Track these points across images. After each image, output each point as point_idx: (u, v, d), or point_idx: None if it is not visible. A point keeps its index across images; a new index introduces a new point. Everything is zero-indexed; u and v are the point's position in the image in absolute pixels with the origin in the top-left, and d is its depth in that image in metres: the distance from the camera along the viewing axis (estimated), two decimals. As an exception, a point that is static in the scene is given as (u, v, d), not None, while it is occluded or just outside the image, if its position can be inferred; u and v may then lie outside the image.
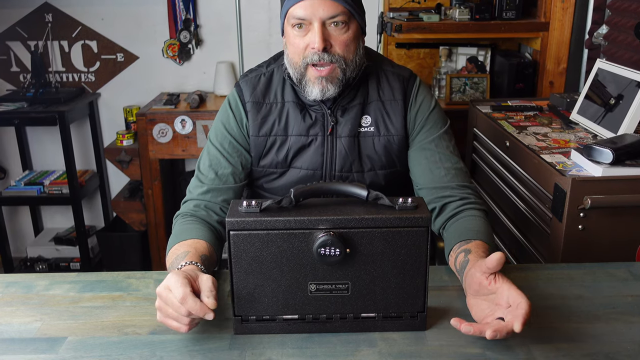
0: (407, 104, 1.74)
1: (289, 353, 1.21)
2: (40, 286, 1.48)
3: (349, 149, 1.71)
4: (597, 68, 2.42)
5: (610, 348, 1.22)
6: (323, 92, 1.63)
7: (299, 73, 1.64)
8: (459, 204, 1.65)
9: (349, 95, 1.71)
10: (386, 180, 1.77)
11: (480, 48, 3.55)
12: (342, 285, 1.23)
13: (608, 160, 1.91)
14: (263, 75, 1.76)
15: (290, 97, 1.73)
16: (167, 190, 3.68)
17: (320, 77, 1.61)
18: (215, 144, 1.74)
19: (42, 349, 1.23)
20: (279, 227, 1.19)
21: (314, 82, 1.63)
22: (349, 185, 1.25)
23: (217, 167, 1.71)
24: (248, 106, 1.73)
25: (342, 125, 1.71)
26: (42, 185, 3.69)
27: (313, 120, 1.71)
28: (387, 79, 1.75)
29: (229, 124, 1.75)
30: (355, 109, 1.72)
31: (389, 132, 1.73)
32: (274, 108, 1.73)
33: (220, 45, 3.85)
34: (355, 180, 1.73)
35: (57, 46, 3.85)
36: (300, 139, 1.72)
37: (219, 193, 1.69)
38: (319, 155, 1.72)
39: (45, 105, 3.58)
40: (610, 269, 1.54)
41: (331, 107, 1.70)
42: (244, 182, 1.76)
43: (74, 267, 3.90)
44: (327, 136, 1.71)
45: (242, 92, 1.75)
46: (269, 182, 1.79)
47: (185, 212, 1.65)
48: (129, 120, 3.81)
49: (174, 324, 1.21)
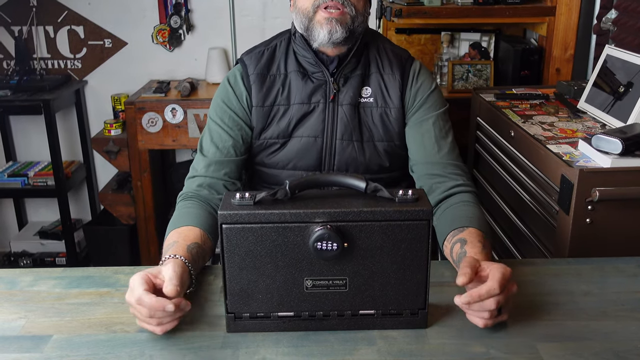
0: (405, 82, 1.82)
1: (284, 352, 1.21)
2: (24, 282, 1.48)
3: (350, 117, 1.79)
4: (605, 54, 2.42)
5: (620, 346, 1.22)
6: (331, 34, 1.68)
7: (307, 18, 1.71)
8: (449, 186, 1.71)
9: (350, 64, 1.79)
10: (386, 154, 1.83)
11: (483, 33, 3.54)
12: (339, 281, 1.23)
13: (617, 151, 1.90)
14: (266, 50, 1.85)
15: (293, 66, 1.81)
16: (157, 182, 3.67)
17: (330, 18, 1.68)
18: (215, 119, 1.82)
19: (27, 348, 1.23)
20: (273, 220, 1.18)
21: (322, 24, 1.69)
22: (347, 176, 1.25)
23: (218, 141, 1.79)
24: (252, 78, 1.80)
25: (343, 93, 1.79)
26: (26, 176, 3.67)
27: (315, 87, 1.78)
28: (386, 54, 1.85)
29: (228, 99, 1.82)
30: (357, 79, 1.80)
31: (386, 104, 1.81)
32: (278, 79, 1.81)
33: (212, 30, 3.83)
34: (356, 149, 1.80)
35: (42, 31, 3.83)
36: (302, 107, 1.79)
37: (221, 166, 1.75)
38: (320, 121, 1.79)
39: (29, 93, 3.55)
40: (620, 264, 1.54)
41: (334, 73, 1.77)
42: (245, 155, 1.83)
43: (60, 262, 3.89)
44: (329, 103, 1.79)
45: (246, 65, 1.82)
46: (270, 156, 1.84)
47: (187, 192, 1.71)
48: (117, 109, 3.79)
49: (146, 327, 1.25)
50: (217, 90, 1.86)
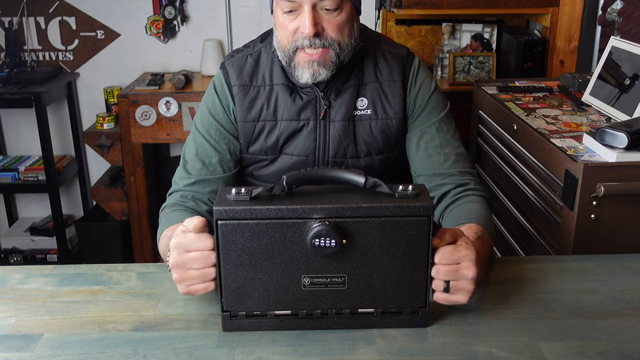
0: (407, 85, 1.73)
1: (281, 351, 1.21)
2: (14, 280, 1.47)
3: (343, 134, 1.70)
4: (611, 46, 2.42)
5: (626, 345, 1.22)
6: (314, 77, 1.61)
7: (288, 57, 1.62)
8: (458, 191, 1.67)
9: (342, 77, 1.69)
10: (383, 165, 1.76)
11: (485, 24, 3.54)
12: (338, 279, 1.23)
13: (623, 145, 1.90)
14: (250, 56, 1.74)
15: (280, 79, 1.70)
16: (151, 177, 3.67)
17: (311, 62, 1.59)
18: (201, 130, 1.73)
19: (17, 347, 1.22)
20: (270, 216, 1.18)
21: (303, 67, 1.61)
22: (345, 171, 1.24)
23: (203, 156, 1.71)
24: (234, 90, 1.71)
25: (335, 108, 1.70)
26: (16, 171, 3.67)
27: (304, 104, 1.69)
28: (384, 59, 1.74)
29: (214, 109, 1.73)
30: (350, 90, 1.70)
31: (387, 114, 1.72)
32: (262, 91, 1.71)
33: (207, 21, 3.83)
34: (351, 166, 1.72)
35: (32, 22, 3.82)
36: (291, 124, 1.70)
37: (207, 184, 1.69)
38: (311, 140, 1.71)
39: (20, 85, 3.55)
40: (625, 261, 1.54)
41: (324, 89, 1.69)
42: (234, 170, 1.75)
43: (51, 259, 3.89)
44: (319, 120, 1.70)
45: (228, 75, 1.73)
46: (259, 170, 1.78)
47: (172, 204, 1.66)
48: (110, 102, 3.79)
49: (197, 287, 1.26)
50: (206, 93, 1.77)
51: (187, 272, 1.24)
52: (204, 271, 1.24)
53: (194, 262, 1.23)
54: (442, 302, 1.26)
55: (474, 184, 1.69)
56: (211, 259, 1.22)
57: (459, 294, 1.25)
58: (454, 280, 1.24)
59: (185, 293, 1.26)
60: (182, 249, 1.23)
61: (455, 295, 1.25)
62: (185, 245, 1.23)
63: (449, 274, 1.23)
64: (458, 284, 1.24)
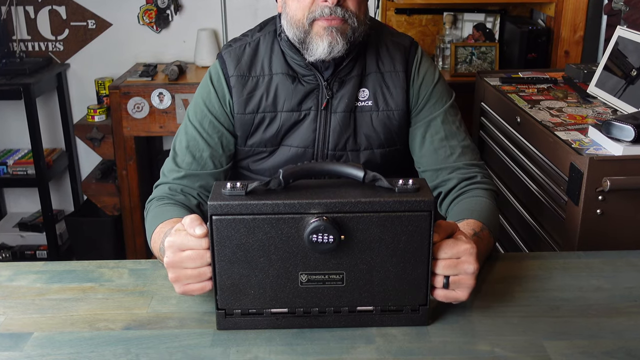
0: (410, 75, 1.73)
1: (277, 350, 1.20)
2: (3, 277, 1.47)
3: (344, 126, 1.70)
4: (617, 36, 2.42)
5: (632, 344, 1.22)
6: (332, 47, 1.58)
7: (302, 31, 1.60)
8: (464, 185, 1.66)
9: (347, 67, 1.69)
10: (384, 159, 1.76)
11: (488, 14, 3.54)
12: (336, 276, 1.23)
13: (629, 138, 1.90)
14: (248, 45, 1.73)
15: (280, 67, 1.70)
16: (143, 171, 3.67)
17: (330, 27, 1.57)
18: (193, 122, 1.72)
19: (5, 346, 1.22)
20: (266, 211, 1.18)
21: (321, 35, 1.58)
22: (344, 165, 1.24)
23: (194, 150, 1.70)
24: (232, 81, 1.70)
25: (337, 99, 1.69)
26: (5, 165, 3.67)
27: (306, 92, 1.69)
28: (387, 49, 1.74)
29: (209, 101, 1.72)
30: (353, 81, 1.70)
31: (388, 106, 1.71)
32: (261, 82, 1.70)
33: (201, 10, 3.82)
34: (350, 159, 1.73)
35: (21, 12, 3.81)
36: (291, 115, 1.70)
37: (197, 179, 1.68)
38: (310, 131, 1.71)
39: (8, 77, 3.55)
40: (632, 257, 1.54)
41: (328, 78, 1.68)
42: (225, 167, 1.74)
43: (41, 256, 3.89)
44: (320, 111, 1.70)
45: (225, 65, 1.72)
46: (256, 163, 1.77)
47: (160, 196, 1.65)
48: (101, 94, 3.78)
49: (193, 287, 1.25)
50: (200, 84, 1.77)
51: (183, 271, 1.24)
52: (199, 270, 1.23)
53: (189, 261, 1.22)
54: (442, 299, 1.26)
55: (480, 177, 1.68)
56: (206, 258, 1.22)
57: (458, 289, 1.24)
58: (453, 275, 1.23)
59: (182, 293, 1.26)
60: (176, 248, 1.23)
61: (455, 291, 1.25)
62: (179, 244, 1.23)
63: (449, 268, 1.23)
64: (458, 279, 1.24)
